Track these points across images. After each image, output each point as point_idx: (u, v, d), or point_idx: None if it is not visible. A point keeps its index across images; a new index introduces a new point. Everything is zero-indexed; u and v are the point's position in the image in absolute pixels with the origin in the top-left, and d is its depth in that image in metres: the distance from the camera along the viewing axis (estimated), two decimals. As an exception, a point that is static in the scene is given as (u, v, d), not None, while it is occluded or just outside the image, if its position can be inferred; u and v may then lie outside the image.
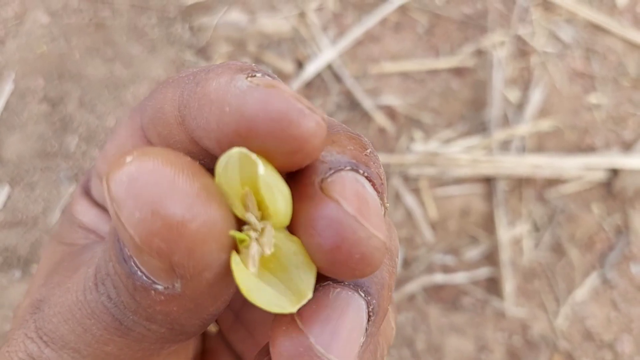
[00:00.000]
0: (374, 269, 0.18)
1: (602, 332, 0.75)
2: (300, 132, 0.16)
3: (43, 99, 0.78)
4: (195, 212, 0.15)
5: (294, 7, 0.87)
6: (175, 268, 0.16)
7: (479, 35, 0.87)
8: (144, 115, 0.22)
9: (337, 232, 0.17)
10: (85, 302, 0.18)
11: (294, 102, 0.16)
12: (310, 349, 0.17)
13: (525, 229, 0.78)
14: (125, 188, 0.15)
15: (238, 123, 0.16)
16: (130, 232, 0.15)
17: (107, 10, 0.82)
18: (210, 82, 0.17)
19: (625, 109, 0.85)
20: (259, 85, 0.16)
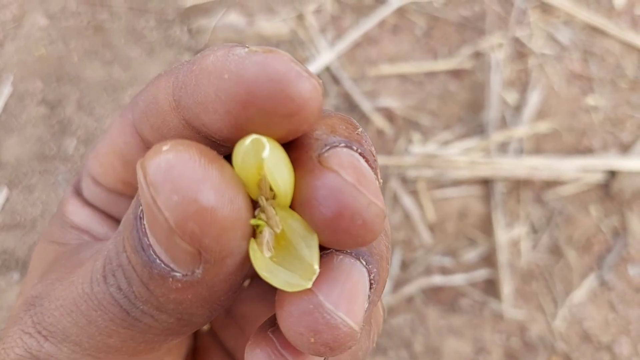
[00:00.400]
0: (375, 235, 0.18)
1: (600, 333, 0.74)
2: (298, 92, 0.17)
3: (41, 102, 0.78)
4: (225, 200, 0.16)
5: (292, 9, 0.87)
6: (202, 251, 0.16)
7: (477, 38, 0.87)
8: (136, 110, 0.23)
9: (339, 200, 0.17)
10: (92, 294, 0.19)
11: (292, 65, 0.17)
12: (321, 305, 0.18)
13: (523, 231, 0.78)
14: (163, 173, 0.16)
15: (237, 87, 0.17)
16: (166, 214, 0.16)
17: (105, 13, 0.82)
18: (207, 57, 0.18)
19: (623, 110, 0.85)
20: (257, 51, 0.17)
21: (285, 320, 0.18)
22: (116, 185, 0.25)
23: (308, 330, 0.18)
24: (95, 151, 0.25)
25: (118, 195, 0.25)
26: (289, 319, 0.18)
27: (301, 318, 0.18)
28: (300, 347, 0.18)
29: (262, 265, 0.18)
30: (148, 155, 0.16)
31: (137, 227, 0.17)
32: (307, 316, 0.18)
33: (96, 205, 0.26)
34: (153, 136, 0.22)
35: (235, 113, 0.17)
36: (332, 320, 0.18)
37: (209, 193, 0.16)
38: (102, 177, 0.25)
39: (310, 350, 0.18)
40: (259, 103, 0.17)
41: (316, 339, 0.18)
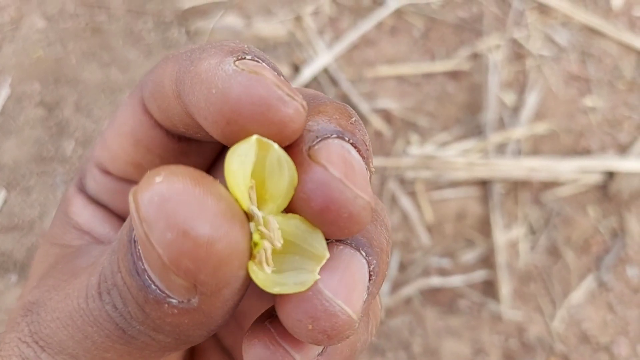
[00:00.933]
0: (362, 226, 0.18)
1: (599, 334, 0.74)
2: (279, 117, 0.17)
3: (39, 104, 0.78)
4: (222, 232, 0.16)
5: (289, 11, 0.87)
6: (197, 286, 0.16)
7: (475, 39, 0.87)
8: (145, 88, 0.23)
9: (325, 194, 0.18)
10: (88, 309, 0.18)
11: (274, 89, 0.17)
12: (320, 292, 0.18)
13: (521, 232, 0.78)
14: (156, 208, 0.16)
15: (223, 105, 0.17)
16: (160, 251, 0.16)
17: (103, 15, 0.82)
18: (203, 62, 0.18)
19: (621, 111, 0.85)
20: (243, 71, 0.17)
21: (283, 307, 0.18)
22: (126, 169, 0.24)
23: (306, 317, 0.18)
24: (102, 138, 0.25)
25: (127, 184, 0.25)
26: (287, 305, 0.18)
27: (299, 305, 0.18)
28: (299, 335, 0.18)
29: (267, 283, 0.18)
30: (140, 186, 0.16)
31: (131, 251, 0.17)
32: (306, 303, 0.18)
33: (101, 200, 0.25)
34: (161, 117, 0.23)
35: (221, 125, 0.18)
36: (331, 307, 0.18)
37: (204, 228, 0.16)
38: (110, 162, 0.25)
39: (308, 338, 0.18)
40: (242, 122, 0.17)
41: (314, 326, 0.18)
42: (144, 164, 0.24)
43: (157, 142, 0.24)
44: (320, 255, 0.18)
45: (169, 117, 0.22)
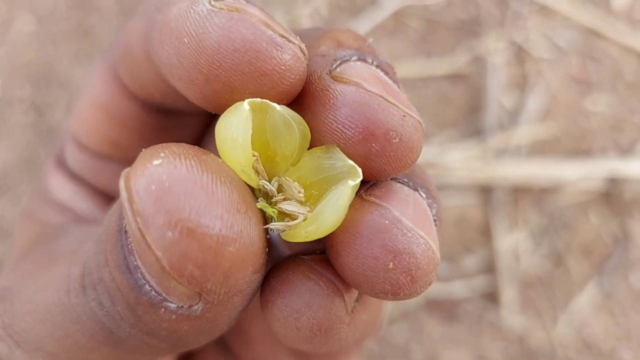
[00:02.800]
0: (416, 154, 0.15)
1: (601, 341, 0.74)
2: (272, 66, 0.14)
3: (30, 107, 0.77)
4: (235, 231, 0.13)
5: (285, 12, 0.86)
6: (203, 294, 0.13)
7: (474, 41, 0.86)
8: (115, 53, 0.20)
9: (366, 115, 0.14)
10: (70, 305, 0.16)
11: (263, 30, 0.14)
12: (398, 221, 0.15)
13: (522, 238, 0.77)
14: (154, 200, 0.12)
15: (198, 56, 0.14)
16: (158, 254, 0.12)
17: (95, 17, 0.81)
18: (171, 8, 0.15)
19: (622, 114, 0.84)
20: (221, 10, 0.14)
21: (350, 247, 0.14)
22: (102, 146, 0.21)
23: (385, 251, 0.14)
24: (77, 109, 0.22)
25: (105, 161, 0.22)
26: (357, 242, 0.14)
27: (375, 237, 0.14)
28: (373, 279, 0.14)
29: (311, 234, 0.15)
30: (134, 170, 0.13)
31: (121, 243, 0.14)
32: (383, 233, 0.14)
33: (82, 176, 0.22)
34: (134, 85, 0.19)
35: (199, 84, 0.14)
36: (414, 239, 0.14)
37: (214, 225, 0.12)
38: (86, 137, 0.21)
39: (386, 281, 0.14)
40: (224, 77, 0.14)
41: (396, 264, 0.14)
42: (120, 140, 0.21)
43: (133, 116, 0.20)
44: (348, 167, 0.15)
45: (142, 84, 0.18)
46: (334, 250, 0.15)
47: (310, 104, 0.15)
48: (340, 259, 0.15)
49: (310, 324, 0.15)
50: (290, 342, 0.16)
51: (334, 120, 0.14)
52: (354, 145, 0.14)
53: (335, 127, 0.14)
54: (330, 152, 0.15)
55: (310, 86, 0.15)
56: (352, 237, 0.14)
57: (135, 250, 0.13)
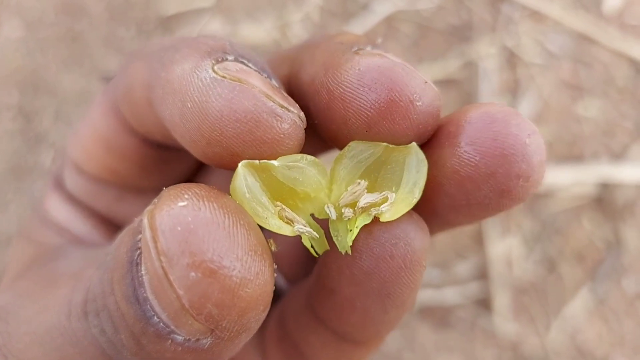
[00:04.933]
0: (436, 123, 0.16)
1: (594, 347, 0.74)
2: (272, 135, 0.14)
3: (18, 114, 0.76)
4: (253, 273, 0.14)
5: (277, 18, 0.85)
6: (216, 331, 0.14)
7: (466, 46, 0.86)
8: (117, 91, 0.20)
9: (392, 78, 0.15)
10: (70, 329, 0.16)
11: (264, 101, 0.14)
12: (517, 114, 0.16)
13: (515, 243, 0.77)
14: (179, 241, 0.13)
15: (201, 123, 0.14)
16: (180, 292, 0.13)
17: (84, 23, 0.80)
18: (175, 68, 0.15)
19: (614, 119, 0.84)
20: (224, 79, 0.14)
21: (488, 130, 0.16)
22: (101, 173, 0.22)
23: (523, 127, 0.16)
24: (76, 135, 0.22)
25: (103, 186, 0.22)
26: (494, 124, 0.16)
27: (499, 118, 0.16)
28: (512, 158, 0.16)
29: (410, 202, 0.16)
30: (159, 209, 0.13)
31: (131, 275, 0.14)
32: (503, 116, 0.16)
33: (80, 198, 0.23)
34: (135, 124, 0.20)
35: (201, 146, 0.15)
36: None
37: (235, 267, 0.13)
38: (85, 164, 0.22)
39: (524, 158, 0.16)
40: (224, 143, 0.14)
41: (531, 139, 0.16)
42: (120, 170, 0.21)
43: (133, 150, 0.21)
44: (381, 148, 0.16)
45: (143, 124, 0.19)
46: (463, 144, 0.16)
47: (334, 74, 0.15)
48: (478, 147, 0.16)
49: (404, 252, 0.16)
50: (370, 259, 0.16)
51: (360, 85, 0.15)
52: (379, 109, 0.15)
53: (361, 91, 0.15)
54: (352, 150, 0.16)
55: (333, 60, 0.16)
56: (485, 124, 0.15)
57: (152, 286, 0.14)
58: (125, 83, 0.19)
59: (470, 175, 0.16)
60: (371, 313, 0.17)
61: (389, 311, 0.17)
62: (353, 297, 0.17)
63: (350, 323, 0.18)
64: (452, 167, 0.16)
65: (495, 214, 0.17)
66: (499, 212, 0.17)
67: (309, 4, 0.86)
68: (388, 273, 0.16)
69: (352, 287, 0.17)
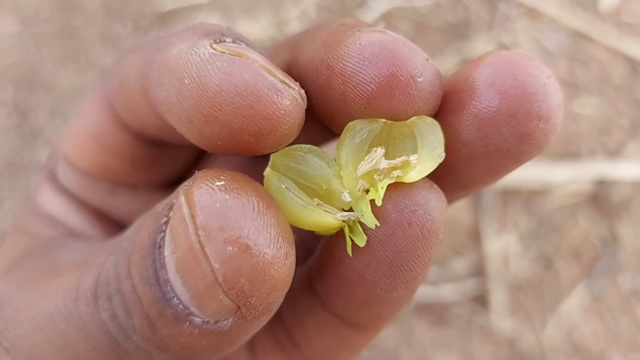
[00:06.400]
0: (437, 101, 0.16)
1: (590, 344, 0.74)
2: (272, 110, 0.14)
3: (13, 110, 0.76)
4: (282, 254, 0.14)
5: (274, 14, 0.85)
6: (242, 308, 0.14)
7: (463, 44, 0.86)
8: (109, 86, 0.20)
9: (393, 52, 0.14)
10: (77, 313, 0.16)
11: (264, 75, 0.14)
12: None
13: (511, 241, 0.77)
14: (217, 217, 0.13)
15: (199, 98, 0.14)
16: (215, 266, 0.13)
17: (80, 19, 0.80)
18: (172, 48, 0.15)
19: (610, 117, 0.85)
20: (223, 54, 0.14)
21: (505, 74, 0.16)
22: (92, 168, 0.22)
23: (541, 69, 0.16)
24: (69, 130, 0.22)
25: (95, 180, 0.22)
26: (512, 66, 0.16)
27: (517, 62, 0.16)
28: (532, 97, 0.16)
29: (439, 156, 0.17)
30: (197, 188, 0.14)
31: (153, 257, 0.14)
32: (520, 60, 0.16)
33: (72, 191, 0.23)
34: (128, 119, 0.20)
35: (198, 125, 0.14)
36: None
37: (268, 247, 0.14)
38: (77, 159, 0.22)
39: (544, 100, 0.16)
40: (223, 119, 0.14)
41: (549, 80, 0.16)
42: (111, 166, 0.21)
43: (125, 146, 0.21)
44: (380, 124, 0.16)
45: (137, 118, 0.19)
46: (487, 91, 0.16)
47: (334, 50, 0.15)
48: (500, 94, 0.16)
49: (422, 220, 0.16)
50: (390, 251, 0.16)
51: (361, 59, 0.15)
52: (379, 83, 0.15)
53: (361, 64, 0.15)
54: (350, 130, 0.16)
55: (334, 38, 0.16)
56: (502, 67, 0.16)
57: (179, 264, 0.14)
58: (119, 76, 0.19)
59: (490, 117, 0.16)
60: (379, 288, 0.17)
61: (398, 288, 0.17)
62: (363, 268, 0.17)
63: (355, 299, 0.18)
64: (470, 111, 0.16)
65: (512, 164, 0.17)
66: (516, 161, 0.17)
67: (306, 1, 0.86)
68: (404, 242, 0.16)
69: (364, 256, 0.17)
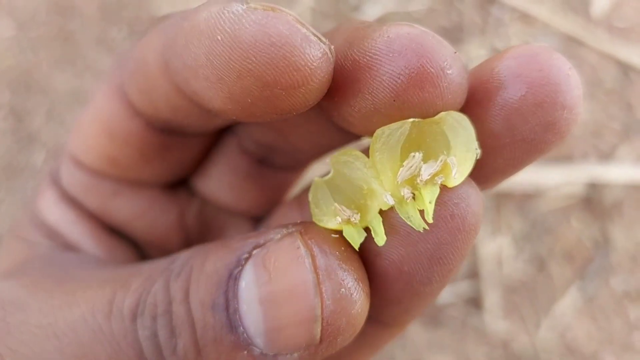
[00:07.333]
0: (464, 96, 0.16)
1: (583, 345, 0.74)
2: (304, 60, 0.14)
3: (9, 113, 0.76)
4: (366, 305, 0.16)
5: (269, 19, 0.86)
6: (324, 345, 0.15)
7: (457, 48, 0.87)
8: (125, 69, 0.20)
9: (423, 44, 0.15)
10: (107, 327, 0.16)
11: (298, 27, 0.14)
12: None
13: (505, 243, 0.77)
14: (337, 264, 0.15)
15: (232, 51, 0.14)
16: (327, 302, 0.15)
17: (76, 22, 0.80)
18: (200, 13, 0.15)
19: (602, 121, 0.85)
20: (257, 9, 0.14)
21: (524, 78, 0.16)
22: (100, 163, 0.22)
23: (562, 59, 0.17)
24: (78, 125, 0.22)
25: (100, 179, 0.22)
26: (532, 65, 0.16)
27: (532, 59, 0.17)
28: (555, 92, 0.16)
29: (475, 155, 0.17)
30: (309, 233, 0.15)
31: (227, 287, 0.15)
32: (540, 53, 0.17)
33: (74, 195, 0.23)
34: (141, 101, 0.20)
35: (228, 82, 0.15)
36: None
37: (362, 295, 0.15)
38: (84, 153, 0.22)
39: (567, 94, 0.16)
40: (257, 72, 0.14)
41: (572, 72, 0.17)
42: (120, 158, 0.22)
43: (136, 135, 0.21)
44: (407, 124, 0.16)
45: (152, 99, 0.19)
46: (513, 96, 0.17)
47: (360, 44, 0.15)
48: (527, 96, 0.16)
49: (464, 213, 0.17)
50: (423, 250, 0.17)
51: (389, 51, 0.15)
52: (409, 75, 0.15)
53: (390, 57, 0.15)
54: (379, 137, 0.16)
55: (358, 33, 0.16)
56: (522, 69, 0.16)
57: (271, 296, 0.15)
58: (135, 58, 0.19)
59: (517, 107, 0.17)
60: (415, 280, 0.18)
61: (433, 281, 0.18)
62: (402, 260, 0.18)
63: (387, 294, 0.18)
64: (497, 102, 0.17)
65: (536, 153, 0.18)
66: (540, 151, 0.18)
67: (301, 5, 0.86)
68: (445, 233, 0.17)
69: (405, 247, 0.17)
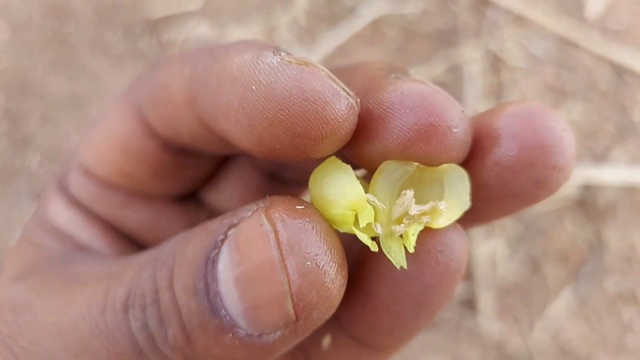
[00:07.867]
0: (466, 151, 0.17)
1: (577, 346, 0.74)
2: (334, 114, 0.15)
3: (4, 116, 0.76)
4: (341, 275, 0.16)
5: (264, 21, 0.86)
6: (301, 322, 0.15)
7: (451, 50, 0.87)
8: (143, 92, 0.21)
9: (434, 103, 0.15)
10: (103, 322, 0.16)
11: (330, 83, 0.15)
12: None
13: (499, 245, 0.77)
14: (300, 235, 0.15)
15: (266, 102, 0.15)
16: (293, 277, 0.15)
17: (71, 25, 0.80)
18: (232, 59, 0.16)
19: (596, 123, 0.85)
20: (291, 63, 0.15)
21: (524, 124, 0.17)
22: (112, 175, 0.22)
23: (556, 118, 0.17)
24: (89, 138, 0.23)
25: (110, 190, 0.23)
26: (529, 118, 0.17)
27: (533, 115, 0.17)
28: (557, 142, 0.17)
29: (465, 203, 0.17)
30: (276, 207, 0.15)
31: (205, 271, 0.16)
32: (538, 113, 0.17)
33: (83, 202, 0.23)
34: (161, 126, 0.20)
35: (259, 128, 0.15)
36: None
37: (333, 266, 0.15)
38: (96, 166, 0.22)
39: (564, 147, 0.17)
40: (288, 122, 0.15)
41: (566, 128, 0.18)
42: (133, 173, 0.22)
43: (150, 154, 0.22)
44: (412, 167, 0.17)
45: (173, 126, 0.20)
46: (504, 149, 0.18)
47: (375, 95, 0.16)
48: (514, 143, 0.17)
49: (448, 260, 0.18)
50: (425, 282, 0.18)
51: (402, 107, 0.15)
52: (417, 131, 0.16)
53: (402, 112, 0.15)
54: (385, 169, 0.17)
55: (374, 83, 0.17)
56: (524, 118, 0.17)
57: (243, 276, 0.15)
58: (157, 84, 0.20)
59: (510, 165, 0.17)
60: (404, 318, 0.18)
61: (421, 318, 0.18)
62: (389, 300, 0.18)
63: (380, 327, 0.19)
64: (492, 158, 0.18)
65: (526, 205, 0.19)
66: (530, 203, 0.18)
67: (296, 8, 0.86)
68: (430, 279, 0.17)
69: (391, 290, 0.18)
